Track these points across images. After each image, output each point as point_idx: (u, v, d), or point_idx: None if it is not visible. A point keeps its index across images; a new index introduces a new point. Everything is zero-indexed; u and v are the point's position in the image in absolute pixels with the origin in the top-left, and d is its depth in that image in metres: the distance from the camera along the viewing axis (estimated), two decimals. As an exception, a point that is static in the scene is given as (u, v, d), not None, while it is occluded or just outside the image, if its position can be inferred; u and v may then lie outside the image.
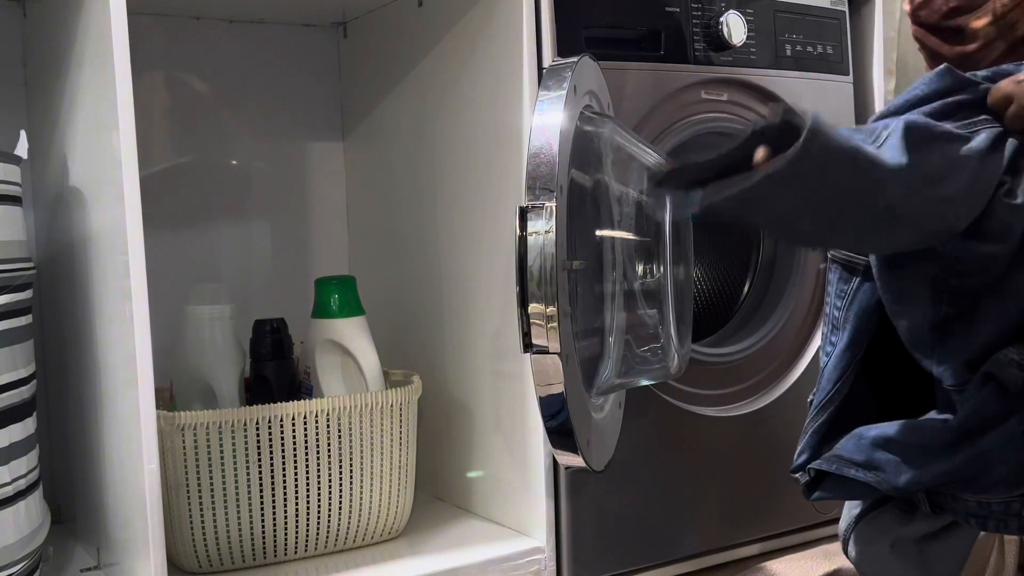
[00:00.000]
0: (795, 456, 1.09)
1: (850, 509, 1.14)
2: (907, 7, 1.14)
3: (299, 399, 1.24)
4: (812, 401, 1.08)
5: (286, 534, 1.23)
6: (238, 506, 1.20)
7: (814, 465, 1.05)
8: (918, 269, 0.95)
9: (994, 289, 0.93)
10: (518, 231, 1.00)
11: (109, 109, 1.04)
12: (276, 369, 1.34)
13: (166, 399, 1.32)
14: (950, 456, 0.96)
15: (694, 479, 1.41)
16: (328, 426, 1.23)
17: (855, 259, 1.04)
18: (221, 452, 1.18)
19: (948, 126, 0.91)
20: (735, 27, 1.40)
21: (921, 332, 0.97)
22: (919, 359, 0.99)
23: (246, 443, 1.19)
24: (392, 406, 1.28)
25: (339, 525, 1.26)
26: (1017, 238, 0.91)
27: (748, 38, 1.42)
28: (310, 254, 1.69)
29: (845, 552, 1.15)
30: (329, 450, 1.24)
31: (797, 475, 1.09)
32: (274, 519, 1.22)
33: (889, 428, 0.99)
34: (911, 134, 0.86)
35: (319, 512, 1.24)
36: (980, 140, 0.90)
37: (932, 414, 1.00)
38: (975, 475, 0.96)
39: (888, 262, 0.98)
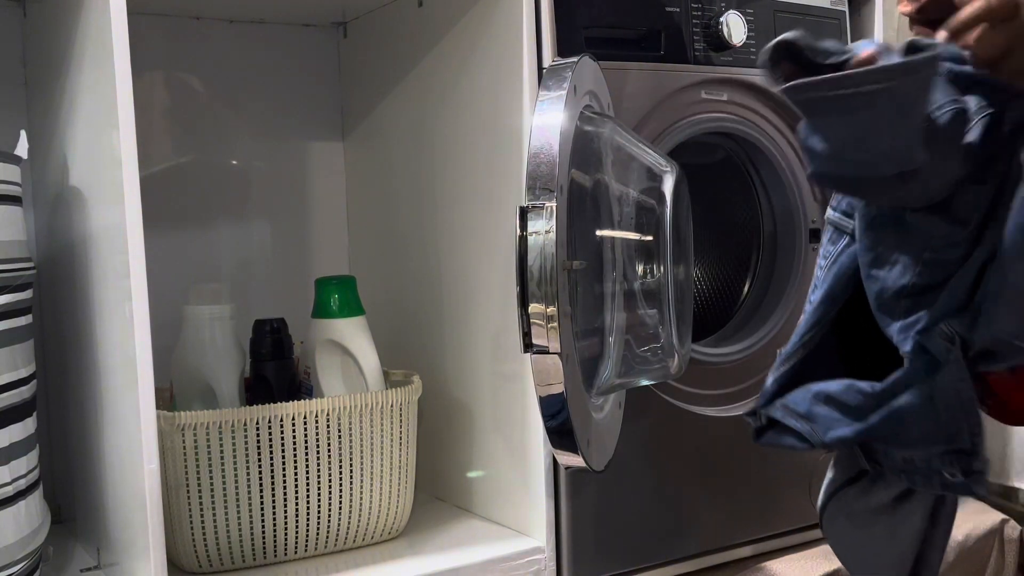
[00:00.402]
0: (755, 401, 1.13)
1: (824, 490, 1.16)
2: (906, 9, 1.14)
3: (299, 399, 1.24)
4: (782, 351, 1.12)
5: (286, 534, 1.23)
6: (238, 506, 1.20)
7: (764, 411, 1.10)
8: (898, 237, 0.98)
9: (961, 268, 0.96)
10: (518, 231, 1.00)
11: (109, 109, 1.04)
12: (276, 369, 1.34)
13: (166, 399, 1.32)
14: (870, 415, 1.00)
15: (694, 479, 1.41)
16: (328, 426, 1.23)
17: (846, 222, 1.07)
18: (221, 452, 1.18)
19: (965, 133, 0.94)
20: (735, 27, 1.40)
21: (890, 298, 1.00)
22: (883, 325, 1.01)
23: (246, 443, 1.19)
24: (392, 406, 1.28)
25: (339, 525, 1.26)
26: (978, 220, 0.94)
27: (748, 38, 1.42)
28: (310, 254, 1.69)
29: (823, 531, 1.18)
30: (329, 450, 1.24)
31: (750, 419, 1.13)
32: (274, 519, 1.22)
33: (831, 385, 1.03)
34: (947, 132, 0.90)
35: (319, 512, 1.24)
36: (974, 136, 0.93)
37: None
38: (894, 432, 1.00)
39: (872, 225, 1.01)
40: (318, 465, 1.24)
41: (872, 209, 1.01)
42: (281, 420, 1.21)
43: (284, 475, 1.22)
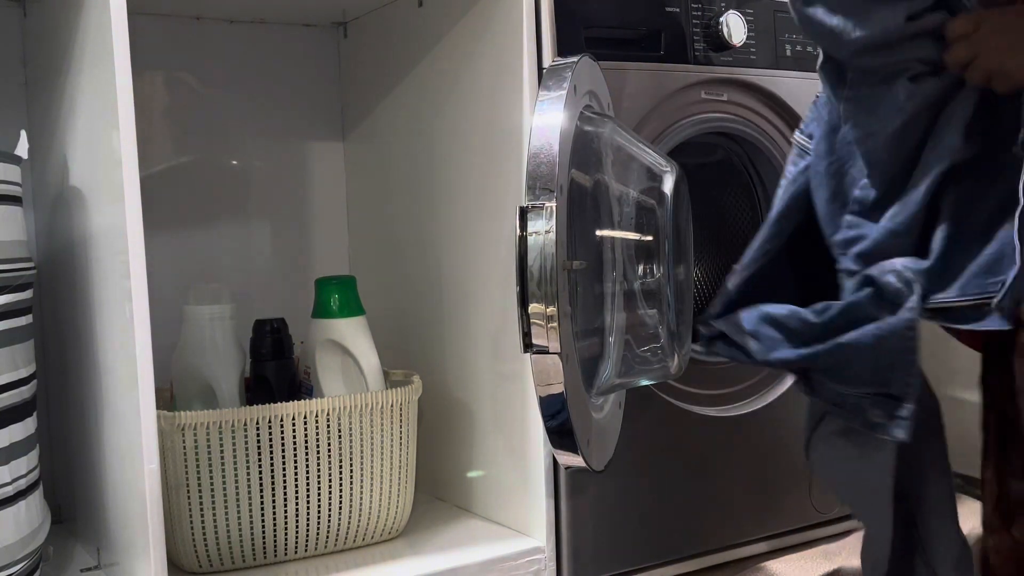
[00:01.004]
0: (708, 308, 1.18)
1: (806, 426, 1.19)
2: None
3: (299, 399, 1.24)
4: (736, 266, 1.16)
5: (286, 534, 1.23)
6: (238, 506, 1.20)
7: (715, 323, 1.15)
8: (849, 147, 1.04)
9: (904, 192, 1.01)
10: (518, 231, 1.00)
11: (109, 109, 1.04)
12: (276, 369, 1.34)
13: (166, 399, 1.32)
14: (815, 344, 1.04)
15: (694, 479, 1.41)
16: (328, 426, 1.23)
17: (809, 144, 1.12)
18: (221, 452, 1.18)
19: None
20: (735, 27, 1.40)
21: (836, 207, 1.05)
22: (826, 236, 1.06)
23: (246, 443, 1.19)
24: (392, 406, 1.28)
25: (339, 525, 1.26)
26: (918, 110, 0.99)
27: (748, 38, 1.42)
28: (310, 254, 1.69)
29: (810, 467, 1.21)
30: (329, 450, 1.24)
31: (702, 328, 1.18)
32: (274, 519, 1.22)
33: (780, 309, 1.08)
34: None
35: (319, 512, 1.24)
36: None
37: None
38: (834, 365, 1.04)
39: (828, 134, 1.06)
40: (318, 465, 1.24)
41: (834, 117, 1.05)
42: (281, 420, 1.21)
43: (284, 475, 1.22)
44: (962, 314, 0.99)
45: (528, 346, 1.01)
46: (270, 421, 1.20)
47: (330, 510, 1.25)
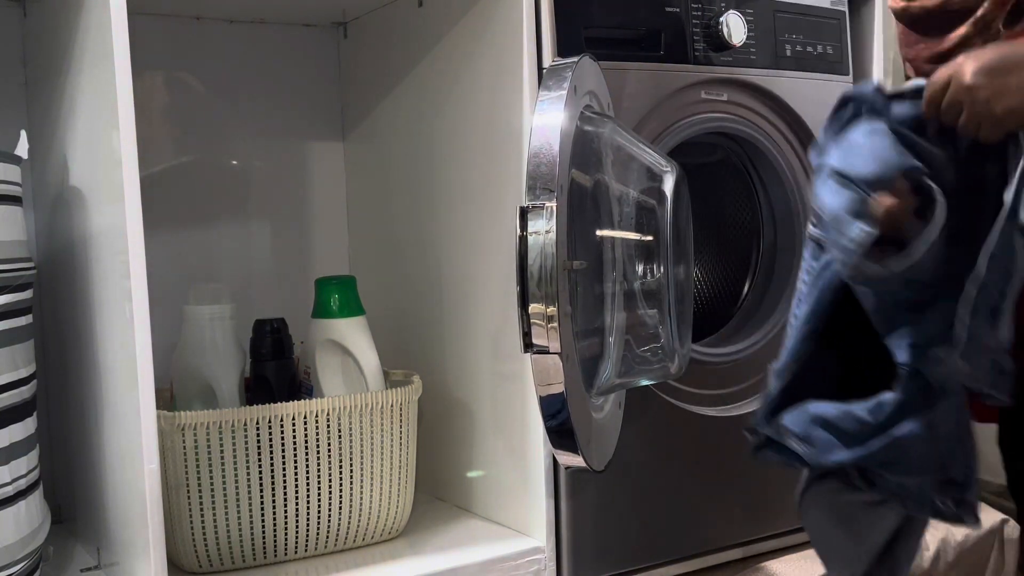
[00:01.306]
0: (753, 417, 1.15)
1: (803, 479, 1.18)
2: (896, 5, 1.14)
3: (299, 399, 1.24)
4: (773, 367, 1.13)
5: (286, 534, 1.23)
6: (238, 506, 1.20)
7: (762, 429, 1.12)
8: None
9: (949, 286, 0.99)
10: (518, 231, 1.00)
11: (109, 109, 1.04)
12: (276, 369, 1.34)
13: (166, 399, 1.32)
14: (870, 442, 1.03)
15: (694, 479, 1.41)
16: (328, 426, 1.23)
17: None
18: (221, 452, 1.18)
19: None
20: (735, 27, 1.40)
21: (888, 309, 1.04)
22: (880, 333, 1.05)
23: (246, 443, 1.19)
24: (392, 406, 1.28)
25: (339, 525, 1.26)
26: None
27: (748, 38, 1.42)
28: (310, 254, 1.69)
29: (801, 518, 1.20)
30: (329, 450, 1.24)
31: (749, 436, 1.16)
32: (274, 519, 1.22)
33: (829, 409, 1.06)
34: None
35: (319, 512, 1.24)
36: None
37: (886, 394, 1.05)
38: (892, 460, 1.03)
39: None
40: (318, 465, 1.24)
41: None
42: (281, 420, 1.21)
43: (284, 475, 1.22)
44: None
45: (528, 346, 1.02)
46: (270, 421, 1.20)
47: (330, 510, 1.25)
